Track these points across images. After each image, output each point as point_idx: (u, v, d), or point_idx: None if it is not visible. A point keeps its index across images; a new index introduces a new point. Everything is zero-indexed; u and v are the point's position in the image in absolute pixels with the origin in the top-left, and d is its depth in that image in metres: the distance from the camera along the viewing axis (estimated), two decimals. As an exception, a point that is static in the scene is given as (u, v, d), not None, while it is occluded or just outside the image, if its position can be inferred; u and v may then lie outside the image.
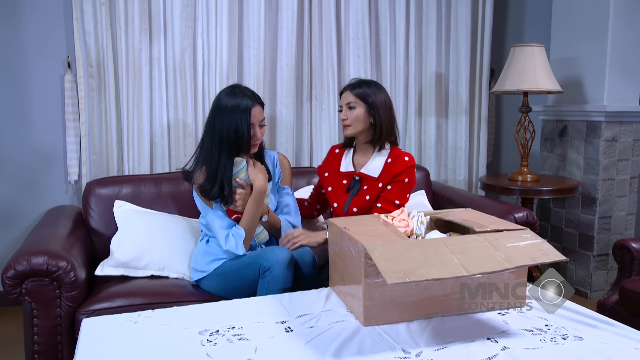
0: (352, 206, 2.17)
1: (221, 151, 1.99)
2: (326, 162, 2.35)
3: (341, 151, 2.31)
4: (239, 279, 1.96)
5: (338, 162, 2.28)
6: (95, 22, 2.73)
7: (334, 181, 2.26)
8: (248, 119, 1.98)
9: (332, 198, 2.24)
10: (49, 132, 2.83)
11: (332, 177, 2.27)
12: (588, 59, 3.12)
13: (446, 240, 1.47)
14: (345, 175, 2.23)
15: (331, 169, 2.29)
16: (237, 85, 2.08)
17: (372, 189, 2.15)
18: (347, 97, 2.17)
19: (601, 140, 3.05)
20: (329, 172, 2.29)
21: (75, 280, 1.88)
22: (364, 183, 2.17)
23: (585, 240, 3.16)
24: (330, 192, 2.25)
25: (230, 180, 2.00)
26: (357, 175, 2.19)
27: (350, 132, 2.17)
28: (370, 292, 1.47)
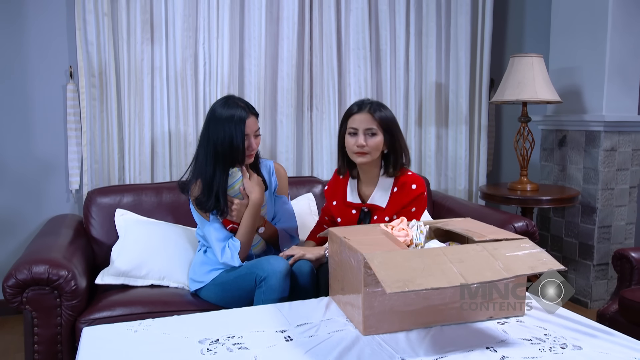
0: None
1: (216, 163, 1.99)
2: (332, 187, 2.21)
3: (345, 178, 2.17)
4: (236, 289, 1.97)
5: (344, 190, 2.15)
6: (97, 32, 2.75)
7: (343, 212, 2.14)
8: (242, 129, 1.98)
9: None
10: (50, 141, 2.85)
11: (340, 206, 2.14)
12: (587, 69, 3.14)
13: (445, 250, 1.48)
14: (354, 205, 2.11)
15: (338, 196, 2.17)
16: (231, 97, 2.08)
17: (382, 220, 2.04)
18: (368, 122, 1.97)
19: (600, 150, 3.06)
20: (337, 200, 2.17)
21: (76, 289, 1.89)
22: (374, 213, 2.07)
23: (585, 249, 3.16)
24: (341, 223, 2.12)
25: (225, 192, 2.00)
26: (365, 207, 2.09)
27: (365, 161, 1.99)
28: (370, 301, 1.48)
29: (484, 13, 3.43)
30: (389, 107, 3.26)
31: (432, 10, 3.33)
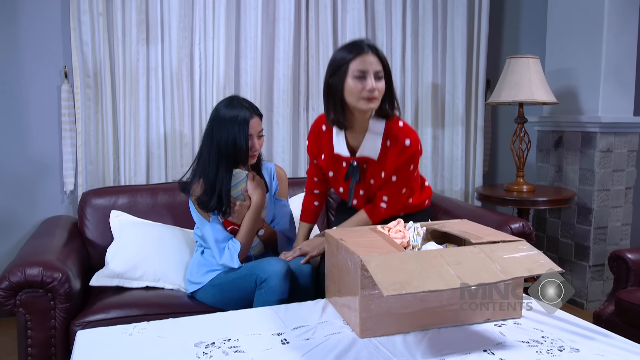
0: (362, 189, 2.01)
1: (219, 163, 1.99)
2: (315, 141, 2.06)
3: (328, 129, 2.00)
4: (235, 290, 1.96)
5: (329, 142, 1.99)
6: (92, 32, 2.74)
7: (333, 164, 2.01)
8: (246, 130, 1.98)
9: (336, 184, 2.06)
10: (45, 142, 2.83)
11: (329, 159, 2.01)
12: (583, 70, 3.14)
13: (442, 252, 1.47)
14: (343, 158, 1.98)
15: (324, 149, 2.01)
16: (236, 97, 2.08)
17: (376, 173, 1.95)
18: (377, 64, 1.79)
19: (596, 151, 3.06)
20: (324, 153, 2.02)
21: (70, 291, 1.87)
22: (366, 166, 1.97)
23: (581, 250, 3.17)
24: (333, 177, 2.03)
25: (228, 192, 1.99)
26: (354, 160, 1.96)
27: (374, 107, 1.82)
28: (367, 303, 1.47)
29: (480, 14, 3.43)
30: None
31: (429, 11, 3.33)
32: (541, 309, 1.66)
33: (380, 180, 1.97)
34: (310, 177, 2.20)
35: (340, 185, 2.07)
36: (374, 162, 1.95)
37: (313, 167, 2.17)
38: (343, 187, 2.06)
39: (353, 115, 1.88)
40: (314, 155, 2.09)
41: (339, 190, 2.10)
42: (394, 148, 1.91)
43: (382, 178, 1.96)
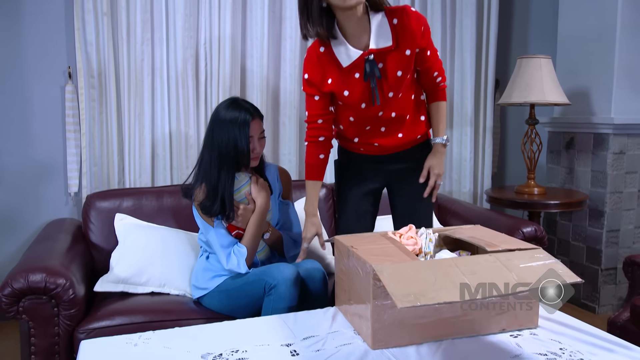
0: (387, 91, 1.81)
1: (221, 166, 1.94)
2: (314, 68, 1.83)
3: (326, 48, 1.80)
4: (243, 297, 1.92)
5: (332, 60, 1.80)
6: (96, 32, 2.70)
7: (345, 82, 1.80)
8: (247, 132, 1.93)
9: (355, 100, 1.82)
10: (49, 143, 2.79)
11: (339, 79, 1.81)
12: (595, 70, 3.08)
13: (457, 261, 1.42)
14: (355, 64, 1.77)
15: (330, 72, 1.81)
16: (236, 99, 2.03)
17: (400, 60, 1.76)
18: None
19: (609, 153, 3.00)
20: (330, 76, 1.82)
21: (74, 298, 1.83)
22: (381, 59, 1.77)
23: (592, 254, 3.11)
24: (349, 96, 1.81)
25: (231, 196, 1.95)
26: (368, 54, 1.75)
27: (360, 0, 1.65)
28: (379, 314, 1.42)
29: (489, 14, 3.37)
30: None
31: (437, 11, 3.27)
32: (556, 317, 1.62)
33: (407, 63, 1.78)
34: (313, 121, 1.91)
35: (360, 100, 1.82)
36: (391, 50, 1.77)
37: (316, 104, 1.88)
38: (365, 102, 1.82)
39: (346, 20, 1.74)
40: (318, 85, 1.83)
41: (361, 106, 1.83)
42: (404, 21, 1.76)
43: (408, 56, 1.78)
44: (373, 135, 1.94)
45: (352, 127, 1.92)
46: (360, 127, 1.91)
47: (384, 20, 1.76)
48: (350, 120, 1.89)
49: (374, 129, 1.92)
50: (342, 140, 2.06)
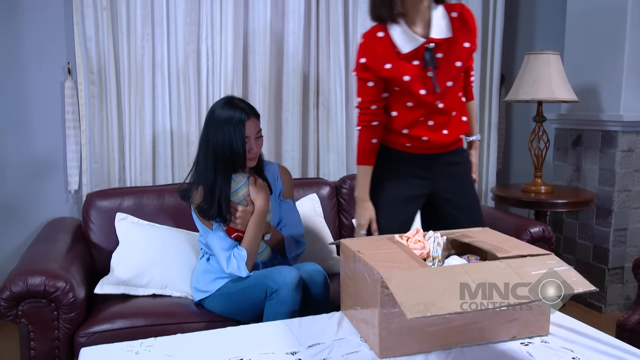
0: (444, 80, 1.82)
1: (216, 168, 1.89)
2: (373, 52, 1.80)
3: (386, 34, 1.79)
4: (245, 300, 1.88)
5: (391, 46, 1.79)
6: (96, 27, 2.65)
7: (405, 68, 1.78)
8: (242, 132, 1.88)
9: (416, 87, 1.80)
10: (48, 140, 2.75)
11: (398, 65, 1.78)
12: (604, 67, 3.03)
13: (467, 268, 1.38)
14: (415, 52, 1.78)
15: (389, 57, 1.79)
16: (231, 97, 1.97)
17: (457, 50, 1.80)
18: None
19: (617, 151, 2.95)
20: (389, 61, 1.79)
21: (74, 301, 1.80)
22: (441, 49, 1.80)
23: (599, 253, 3.07)
24: (410, 81, 1.79)
25: (228, 199, 1.91)
26: (429, 42, 1.77)
27: None
28: (387, 322, 1.38)
29: (494, 9, 3.32)
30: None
31: (443, 4, 3.21)
32: (568, 324, 1.58)
33: (465, 54, 1.83)
34: (366, 107, 1.88)
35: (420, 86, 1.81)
36: (450, 42, 1.80)
37: (370, 90, 1.85)
38: (425, 89, 1.81)
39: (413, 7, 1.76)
40: (375, 70, 1.81)
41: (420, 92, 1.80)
42: (464, 16, 1.83)
43: (467, 48, 1.83)
44: (422, 128, 1.89)
45: (405, 116, 1.87)
46: (414, 116, 1.87)
47: (444, 12, 1.81)
48: (408, 105, 1.85)
49: (426, 120, 1.88)
50: (387, 135, 1.95)
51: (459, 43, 1.82)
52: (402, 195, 1.95)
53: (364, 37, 1.83)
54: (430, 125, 1.88)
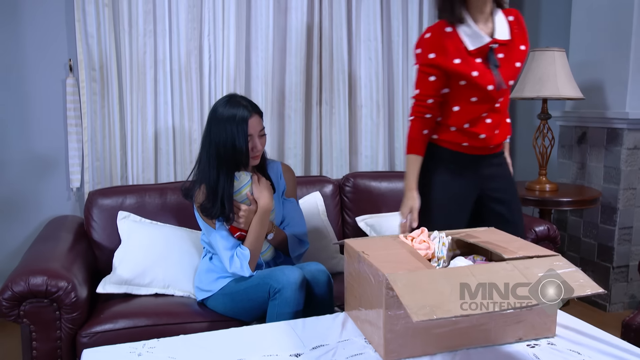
0: (506, 79, 1.86)
1: (219, 166, 1.87)
2: (441, 46, 1.82)
3: (453, 29, 1.83)
4: (247, 300, 1.87)
5: (458, 42, 1.82)
6: (97, 24, 2.63)
7: (472, 64, 1.82)
8: (245, 130, 1.86)
9: (485, 82, 1.82)
10: (50, 138, 2.73)
11: (468, 60, 1.82)
12: (610, 63, 3.00)
13: (473, 270, 1.36)
14: (480, 50, 1.82)
15: (456, 53, 1.82)
16: (233, 95, 1.95)
17: (515, 52, 1.88)
18: None
19: (623, 148, 2.93)
20: (457, 56, 1.82)
21: (76, 301, 1.78)
22: (502, 50, 1.86)
23: (604, 251, 3.05)
24: (479, 77, 1.81)
25: (230, 198, 1.89)
26: (494, 42, 1.83)
27: None
28: (392, 324, 1.37)
29: (500, 3, 3.28)
30: (400, 101, 3.17)
31: (447, 0, 3.19)
32: (575, 325, 1.56)
33: (521, 57, 1.90)
34: (423, 100, 1.89)
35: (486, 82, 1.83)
36: (508, 44, 1.87)
37: (430, 84, 1.86)
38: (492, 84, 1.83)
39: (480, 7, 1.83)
40: (442, 64, 1.83)
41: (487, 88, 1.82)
42: (518, 19, 1.92)
43: (522, 51, 1.91)
44: (481, 125, 1.91)
45: (469, 110, 1.88)
46: (478, 111, 1.88)
47: (503, 15, 1.89)
48: (472, 100, 1.86)
49: (485, 117, 1.91)
50: (442, 134, 1.94)
51: (516, 45, 1.89)
52: (455, 195, 1.95)
53: (431, 31, 1.86)
54: (488, 124, 1.91)
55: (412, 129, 1.93)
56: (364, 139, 3.13)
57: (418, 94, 1.90)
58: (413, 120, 1.92)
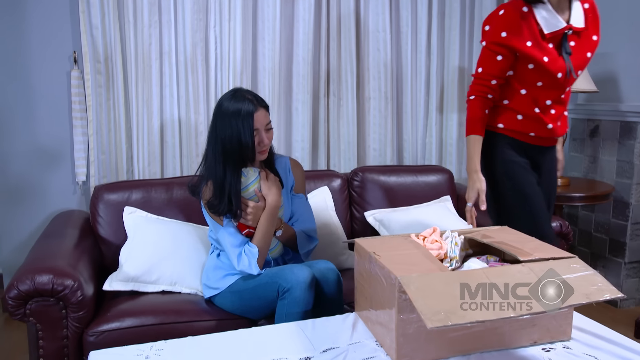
0: (576, 69, 1.82)
1: (225, 162, 1.84)
2: (517, 26, 1.77)
3: (530, 10, 1.78)
4: (256, 299, 1.84)
5: (534, 25, 1.77)
6: (102, 15, 2.58)
7: (545, 48, 1.77)
8: (251, 124, 1.82)
9: (555, 68, 1.78)
10: (55, 131, 2.70)
11: (541, 44, 1.77)
12: (623, 55, 2.94)
13: (488, 273, 1.33)
14: (552, 36, 1.78)
15: (530, 35, 1.77)
16: (239, 89, 1.91)
17: (588, 42, 1.83)
18: None
19: (636, 142, 2.87)
20: (530, 39, 1.77)
21: (83, 299, 1.76)
22: (575, 37, 1.82)
23: (616, 246, 3.01)
24: (549, 62, 1.77)
25: (238, 194, 1.85)
26: (569, 28, 1.78)
27: None
28: (404, 327, 1.34)
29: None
30: (409, 93, 3.13)
31: (457, -10, 3.13)
32: (591, 328, 1.53)
33: (592, 47, 1.86)
34: (486, 79, 1.83)
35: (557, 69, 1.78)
36: (582, 31, 1.83)
37: (496, 64, 1.81)
38: (561, 72, 1.79)
39: None
40: (514, 44, 1.77)
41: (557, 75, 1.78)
42: (594, 9, 1.87)
43: (594, 41, 1.87)
44: (548, 115, 1.87)
45: (535, 94, 1.83)
46: (544, 96, 1.84)
47: (579, 2, 1.83)
48: (538, 85, 1.82)
49: (550, 107, 1.87)
50: (510, 123, 1.89)
51: (589, 34, 1.84)
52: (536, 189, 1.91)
53: (505, 9, 1.79)
54: (552, 114, 1.87)
55: (472, 108, 1.86)
56: (372, 131, 3.09)
57: (481, 72, 1.84)
58: (474, 100, 1.85)
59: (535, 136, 1.88)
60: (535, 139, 1.89)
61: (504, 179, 1.90)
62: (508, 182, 1.89)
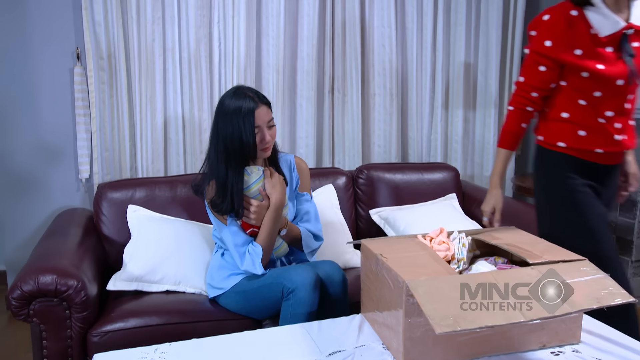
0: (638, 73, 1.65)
1: (227, 161, 1.82)
2: (565, 33, 1.63)
3: (580, 13, 1.63)
4: (260, 299, 1.83)
5: (587, 29, 1.62)
6: (105, 12, 2.56)
7: (599, 54, 1.62)
8: (252, 122, 1.79)
9: (613, 75, 1.62)
10: (58, 128, 2.68)
11: (592, 51, 1.62)
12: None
13: (497, 277, 1.31)
14: (610, 39, 1.62)
15: (580, 42, 1.62)
16: (240, 87, 1.89)
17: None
18: None
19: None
20: (580, 46, 1.62)
21: (86, 299, 1.75)
22: (636, 38, 1.65)
23: (623, 244, 2.98)
24: (605, 70, 1.61)
25: (240, 193, 1.83)
26: (629, 27, 1.62)
27: None
28: (412, 331, 1.32)
29: (517, -7, 3.19)
30: (414, 89, 3.10)
31: (463, -17, 3.09)
32: (600, 332, 1.51)
33: None
34: (526, 90, 1.72)
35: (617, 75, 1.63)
36: None
37: (539, 75, 1.68)
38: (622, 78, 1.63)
39: None
40: (561, 54, 1.63)
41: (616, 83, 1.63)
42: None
43: None
44: (613, 128, 1.67)
45: (594, 106, 1.66)
46: (602, 109, 1.66)
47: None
48: (595, 95, 1.65)
49: (613, 118, 1.67)
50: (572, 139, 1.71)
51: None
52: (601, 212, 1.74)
53: (551, 13, 1.65)
54: (617, 128, 1.68)
55: (509, 120, 1.77)
56: (377, 128, 3.06)
57: (523, 82, 1.72)
58: (512, 111, 1.75)
59: (604, 152, 1.69)
60: (602, 156, 1.70)
61: (565, 209, 1.73)
62: (570, 213, 1.72)
